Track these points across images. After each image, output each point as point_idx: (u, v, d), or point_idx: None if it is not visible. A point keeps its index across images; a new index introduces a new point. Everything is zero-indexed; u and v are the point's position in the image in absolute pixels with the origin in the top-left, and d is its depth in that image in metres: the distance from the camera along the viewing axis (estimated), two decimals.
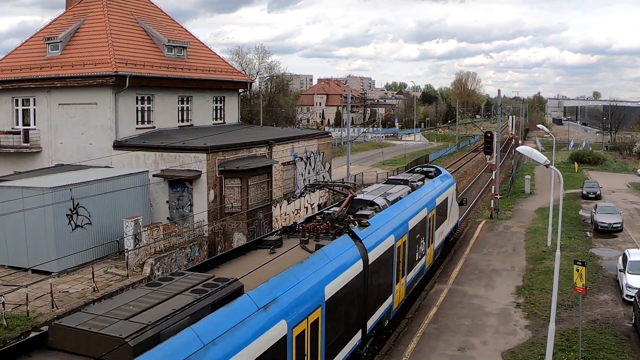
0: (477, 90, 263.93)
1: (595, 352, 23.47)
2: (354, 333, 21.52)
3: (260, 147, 42.68)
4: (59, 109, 41.69)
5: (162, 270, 31.71)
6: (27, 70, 42.51)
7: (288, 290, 16.46)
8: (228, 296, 14.48)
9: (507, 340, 25.14)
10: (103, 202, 33.31)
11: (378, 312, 24.03)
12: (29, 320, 24.77)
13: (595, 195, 57.41)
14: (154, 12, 50.99)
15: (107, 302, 14.02)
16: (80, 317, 12.89)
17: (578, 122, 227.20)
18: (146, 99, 42.79)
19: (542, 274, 33.52)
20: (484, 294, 31.20)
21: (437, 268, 36.41)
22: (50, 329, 12.66)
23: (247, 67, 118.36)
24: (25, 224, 30.77)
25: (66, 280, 29.83)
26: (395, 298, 26.60)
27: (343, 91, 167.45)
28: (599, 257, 37.28)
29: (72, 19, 45.32)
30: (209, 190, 37.54)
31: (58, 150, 41.78)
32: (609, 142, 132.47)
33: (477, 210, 56.36)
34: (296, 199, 45.79)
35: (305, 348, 17.14)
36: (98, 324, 12.34)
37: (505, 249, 40.02)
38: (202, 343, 12.65)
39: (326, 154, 53.07)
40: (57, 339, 12.42)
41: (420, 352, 24.09)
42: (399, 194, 30.32)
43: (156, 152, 38.50)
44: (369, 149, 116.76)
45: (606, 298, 29.92)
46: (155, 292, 14.29)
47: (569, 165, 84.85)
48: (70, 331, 12.32)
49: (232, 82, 52.19)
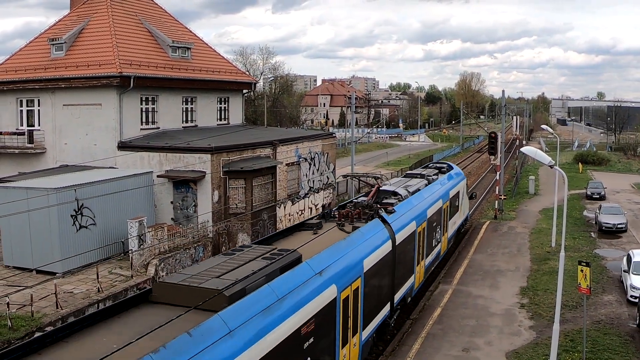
0: (481, 91, 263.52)
1: (599, 353, 23.45)
2: (384, 304, 24.44)
3: (264, 147, 42.67)
4: (64, 110, 41.75)
5: (167, 270, 31.73)
6: (31, 71, 42.59)
7: (336, 261, 19.40)
8: (291, 263, 17.59)
9: (511, 341, 25.14)
10: (107, 203, 33.35)
11: (403, 288, 26.92)
12: (33, 321, 24.80)
13: (600, 196, 57.34)
14: (158, 13, 51.04)
15: (195, 266, 17.23)
16: (178, 277, 15.68)
17: (582, 122, 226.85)
18: (150, 100, 42.83)
19: (547, 275, 33.49)
20: (489, 294, 31.19)
21: (442, 268, 36.42)
22: (154, 286, 15.39)
23: (251, 67, 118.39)
24: (30, 225, 30.81)
25: (71, 281, 29.88)
26: (416, 278, 29.50)
27: (347, 92, 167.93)
28: (603, 257, 37.25)
29: (77, 20, 45.39)
30: (213, 190, 37.57)
31: (62, 151, 41.84)
32: (614, 143, 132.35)
33: (481, 211, 56.31)
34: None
35: (349, 310, 19.88)
36: (196, 280, 15.09)
37: (510, 250, 40.01)
38: (277, 297, 15.53)
39: (330, 155, 53.06)
40: (160, 294, 14.98)
41: (424, 353, 24.09)
42: (417, 186, 33.46)
43: (160, 152, 38.50)
44: (373, 150, 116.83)
45: (610, 299, 29.89)
46: (232, 259, 17.34)
47: (573, 165, 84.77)
48: (173, 287, 15.01)
49: (236, 82, 52.22)
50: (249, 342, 13.69)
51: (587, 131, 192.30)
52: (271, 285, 15.71)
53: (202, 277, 15.34)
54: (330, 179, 52.84)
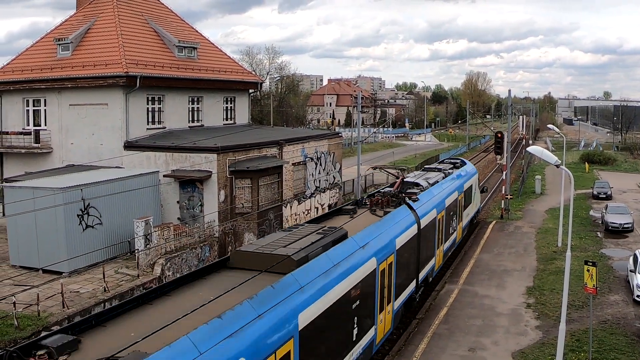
0: (487, 91, 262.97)
1: (605, 353, 23.43)
2: (411, 280, 27.76)
3: (270, 147, 42.68)
4: (70, 110, 41.86)
5: (173, 270, 31.77)
6: (37, 71, 42.71)
7: (374, 238, 22.66)
8: (340, 237, 20.73)
9: (517, 341, 25.12)
10: (114, 203, 33.40)
11: (425, 268, 30.19)
12: (39, 320, 24.86)
13: (606, 196, 57.20)
14: (164, 12, 51.11)
15: (260, 240, 20.34)
16: (250, 247, 19.01)
17: (589, 122, 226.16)
18: (157, 100, 42.90)
19: (553, 275, 33.44)
20: (495, 294, 31.16)
21: (448, 268, 36.40)
22: (232, 254, 18.52)
23: (258, 67, 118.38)
24: (36, 224, 30.87)
25: (77, 280, 29.93)
26: (436, 261, 32.65)
27: (353, 91, 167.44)
28: (609, 257, 37.17)
29: (83, 20, 45.49)
30: (220, 190, 37.59)
31: (69, 150, 41.93)
32: (620, 142, 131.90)
33: (487, 211, 56.20)
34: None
35: (384, 281, 23.12)
36: (267, 248, 18.22)
37: (516, 249, 39.96)
38: (333, 263, 18.79)
39: (337, 154, 53.05)
40: (237, 260, 18.03)
41: (430, 353, 24.09)
42: (435, 178, 36.58)
43: (167, 152, 38.55)
44: (380, 149, 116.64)
45: (617, 298, 29.83)
46: (291, 234, 20.27)
47: (579, 165, 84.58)
48: (248, 254, 18.10)
49: (243, 82, 52.25)
50: (315, 297, 17.01)
51: (594, 131, 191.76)
52: (327, 254, 19.00)
53: (271, 247, 18.49)
54: (336, 178, 52.83)
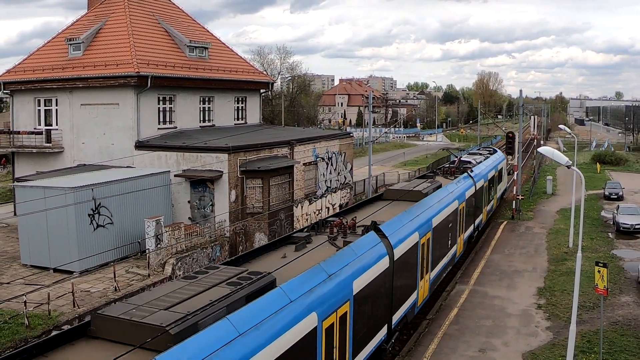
0: (499, 91, 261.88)
1: (616, 354, 23.30)
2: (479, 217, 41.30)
3: (281, 147, 42.72)
4: (81, 109, 42.02)
5: (184, 270, 31.84)
6: (49, 70, 42.89)
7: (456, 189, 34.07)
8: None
9: (528, 342, 25.02)
10: (125, 202, 33.53)
11: (477, 220, 40.82)
12: (50, 320, 24.99)
13: (618, 196, 56.93)
14: (175, 12, 51.24)
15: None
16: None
17: (600, 122, 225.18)
18: (168, 100, 43.01)
19: (564, 275, 33.31)
20: (505, 295, 31.06)
21: (459, 269, 36.32)
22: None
23: (269, 67, 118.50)
24: (48, 224, 31.03)
25: (88, 280, 30.06)
26: (482, 219, 42.87)
27: (365, 91, 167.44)
28: (620, 258, 36.99)
29: (94, 20, 45.67)
30: (231, 190, 37.65)
31: (80, 150, 42.10)
32: (632, 143, 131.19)
33: (498, 211, 56.03)
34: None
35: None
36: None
37: (527, 250, 39.82)
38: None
39: (348, 155, 53.05)
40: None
41: (441, 353, 24.03)
42: (479, 159, 47.52)
43: (178, 152, 38.66)
44: (391, 150, 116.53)
45: (628, 300, 29.68)
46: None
47: (591, 165, 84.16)
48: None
49: (254, 82, 52.32)
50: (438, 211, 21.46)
51: (605, 131, 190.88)
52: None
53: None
54: (347, 178, 52.82)
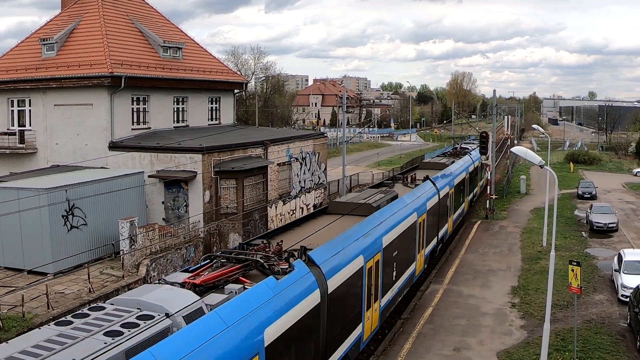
0: (472, 91, 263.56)
1: (590, 352, 23.56)
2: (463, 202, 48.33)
3: (255, 147, 42.65)
4: (55, 110, 41.64)
5: (158, 271, 31.68)
6: (22, 71, 42.45)
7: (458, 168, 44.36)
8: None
9: (502, 340, 25.21)
10: (99, 203, 33.29)
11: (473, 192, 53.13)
12: (24, 322, 24.75)
13: (591, 195, 57.59)
14: (149, 13, 50.95)
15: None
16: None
17: (574, 122, 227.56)
18: (142, 100, 42.76)
19: (538, 274, 33.60)
20: (480, 294, 31.27)
21: (432, 269, 36.48)
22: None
23: (243, 67, 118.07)
24: (21, 225, 30.71)
25: (62, 281, 29.81)
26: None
27: (339, 91, 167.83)
28: (594, 257, 37.40)
29: (68, 20, 45.27)
30: (205, 191, 37.53)
31: (54, 151, 41.73)
32: (605, 142, 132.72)
33: (472, 211, 56.38)
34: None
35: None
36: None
37: (501, 249, 40.12)
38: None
39: (322, 155, 53.08)
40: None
41: (415, 353, 24.13)
42: (473, 147, 60.66)
43: (152, 152, 38.42)
44: (365, 150, 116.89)
45: (601, 298, 30.01)
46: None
47: (564, 165, 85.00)
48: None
49: (228, 82, 52.17)
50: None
51: (579, 131, 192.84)
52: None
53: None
54: (321, 178, 52.86)
